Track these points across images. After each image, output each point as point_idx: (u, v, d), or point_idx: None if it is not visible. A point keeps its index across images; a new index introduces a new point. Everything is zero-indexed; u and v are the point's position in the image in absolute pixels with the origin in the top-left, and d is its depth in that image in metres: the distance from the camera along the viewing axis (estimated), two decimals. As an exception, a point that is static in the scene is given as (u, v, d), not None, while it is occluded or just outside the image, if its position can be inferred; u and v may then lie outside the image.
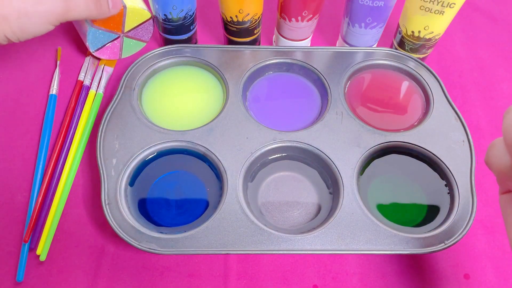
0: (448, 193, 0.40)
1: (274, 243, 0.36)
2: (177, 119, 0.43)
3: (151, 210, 0.39)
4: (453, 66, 0.52)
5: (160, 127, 0.41)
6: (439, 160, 0.41)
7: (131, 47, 0.49)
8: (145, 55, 0.45)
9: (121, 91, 0.43)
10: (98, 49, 0.46)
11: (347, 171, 0.40)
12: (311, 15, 0.45)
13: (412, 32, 0.45)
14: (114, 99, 0.42)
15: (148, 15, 0.46)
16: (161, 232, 0.36)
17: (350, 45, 0.48)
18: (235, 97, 0.43)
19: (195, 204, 0.39)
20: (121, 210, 0.37)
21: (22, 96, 0.46)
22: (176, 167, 0.41)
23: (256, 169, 0.41)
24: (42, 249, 0.38)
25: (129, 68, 0.44)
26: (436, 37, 0.46)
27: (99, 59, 0.48)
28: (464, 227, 0.38)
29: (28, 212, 0.39)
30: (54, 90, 0.46)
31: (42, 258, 0.38)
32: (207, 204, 0.39)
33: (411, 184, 0.41)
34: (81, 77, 0.47)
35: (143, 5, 0.46)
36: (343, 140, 0.42)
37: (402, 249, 0.36)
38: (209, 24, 0.53)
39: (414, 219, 0.39)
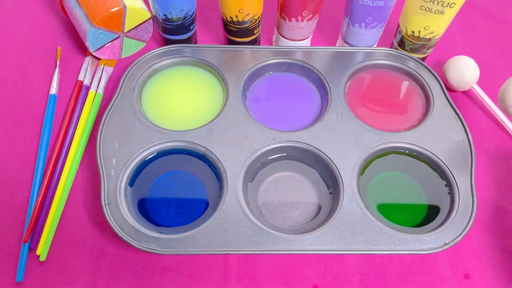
0: (448, 193, 0.40)
1: (274, 243, 0.36)
2: (177, 119, 0.43)
3: (151, 210, 0.39)
4: (453, 66, 0.52)
5: (160, 127, 0.41)
6: (439, 160, 0.41)
7: (131, 47, 0.49)
8: (145, 55, 0.45)
9: (121, 91, 0.43)
10: (98, 49, 0.46)
11: (347, 171, 0.40)
12: (311, 15, 0.45)
13: (412, 32, 0.45)
14: (114, 99, 0.42)
15: (148, 15, 0.46)
16: (161, 232, 0.36)
17: (350, 45, 0.48)
18: (235, 97, 0.43)
19: (195, 204, 0.39)
20: (121, 210, 0.37)
21: (22, 96, 0.46)
22: (176, 167, 0.41)
23: (256, 169, 0.41)
24: (42, 249, 0.38)
25: (129, 68, 0.44)
26: (436, 37, 0.45)
27: (99, 59, 0.48)
28: (464, 227, 0.38)
29: (28, 212, 0.39)
30: (54, 90, 0.46)
31: (42, 258, 0.37)
32: (207, 204, 0.39)
33: (411, 184, 0.41)
34: (81, 77, 0.47)
35: (143, 5, 0.46)
36: (343, 140, 0.41)
37: (402, 249, 0.36)
38: (209, 24, 0.53)
39: (414, 219, 0.39)
